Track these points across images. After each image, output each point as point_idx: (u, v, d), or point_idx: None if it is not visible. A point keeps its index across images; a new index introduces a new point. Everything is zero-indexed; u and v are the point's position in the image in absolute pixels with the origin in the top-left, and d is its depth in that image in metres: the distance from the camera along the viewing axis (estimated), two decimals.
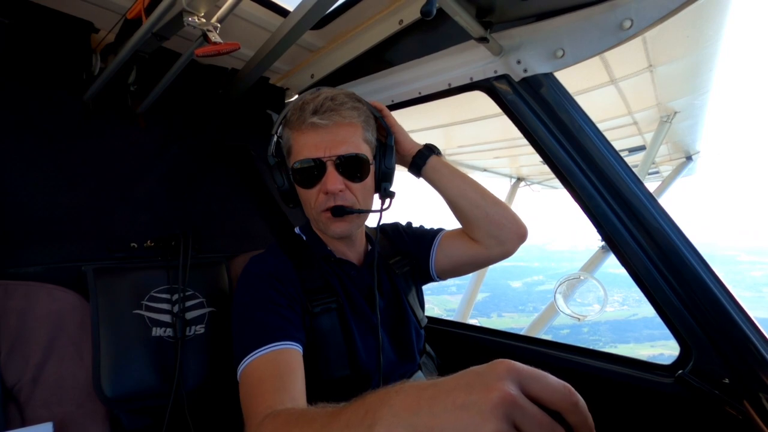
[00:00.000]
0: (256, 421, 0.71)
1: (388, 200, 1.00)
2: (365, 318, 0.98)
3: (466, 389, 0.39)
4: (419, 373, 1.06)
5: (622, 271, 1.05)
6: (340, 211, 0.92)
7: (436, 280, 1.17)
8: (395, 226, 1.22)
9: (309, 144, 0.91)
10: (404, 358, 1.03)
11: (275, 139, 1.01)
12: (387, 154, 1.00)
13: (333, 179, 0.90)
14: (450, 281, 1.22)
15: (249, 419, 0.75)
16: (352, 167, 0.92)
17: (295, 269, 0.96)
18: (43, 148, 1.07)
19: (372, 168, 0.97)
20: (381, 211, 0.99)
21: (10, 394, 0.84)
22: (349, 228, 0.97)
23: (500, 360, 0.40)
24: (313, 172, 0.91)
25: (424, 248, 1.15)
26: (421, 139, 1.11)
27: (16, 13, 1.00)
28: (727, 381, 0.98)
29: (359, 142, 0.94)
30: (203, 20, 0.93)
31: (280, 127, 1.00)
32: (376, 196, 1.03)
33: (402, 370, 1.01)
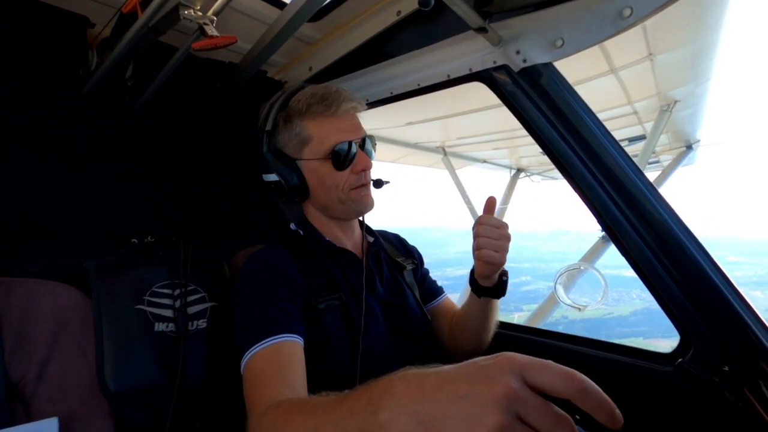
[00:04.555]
0: (258, 413, 0.72)
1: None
2: (366, 305, 0.99)
3: (469, 381, 0.39)
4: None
5: (607, 272, 1.06)
6: (380, 183, 1.05)
7: None
8: (399, 236, 1.28)
9: (344, 128, 0.99)
10: (406, 347, 1.04)
11: (267, 135, 1.01)
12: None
13: (365, 158, 1.00)
14: (438, 282, 1.26)
15: (251, 411, 0.76)
16: (369, 148, 1.03)
17: (297, 264, 0.97)
18: (42, 145, 1.07)
19: None
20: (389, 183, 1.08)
21: (14, 391, 0.85)
22: (373, 202, 1.05)
23: (503, 353, 0.40)
24: (348, 154, 0.98)
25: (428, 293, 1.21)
26: (420, 130, 1.12)
27: (11, 10, 1.00)
28: (726, 369, 0.99)
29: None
30: (199, 14, 0.92)
31: (280, 120, 1.00)
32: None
33: (403, 358, 1.02)
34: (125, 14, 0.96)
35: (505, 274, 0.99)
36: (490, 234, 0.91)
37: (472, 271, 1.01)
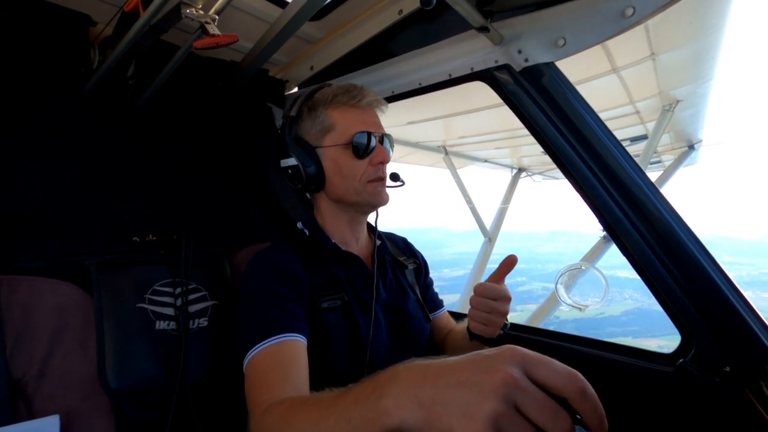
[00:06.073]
0: (259, 411, 0.72)
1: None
2: (369, 311, 0.99)
3: (470, 368, 0.40)
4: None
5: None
6: (397, 176, 1.06)
7: None
8: (406, 240, 1.28)
9: (366, 120, 1.01)
10: (408, 351, 1.03)
11: (288, 121, 1.03)
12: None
13: (384, 152, 1.02)
14: (436, 282, 1.27)
15: (252, 410, 0.76)
16: (387, 145, 1.04)
17: (301, 264, 0.97)
18: (43, 143, 1.07)
19: None
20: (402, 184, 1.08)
21: (16, 388, 0.85)
22: (388, 197, 1.05)
23: (507, 345, 0.41)
24: (368, 144, 0.99)
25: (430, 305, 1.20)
26: (422, 129, 1.12)
27: (13, 8, 1.00)
28: (727, 369, 0.99)
29: None
30: (201, 12, 0.92)
31: (305, 109, 1.03)
32: None
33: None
34: (127, 12, 0.96)
35: (504, 326, 0.96)
36: (481, 307, 0.89)
37: None
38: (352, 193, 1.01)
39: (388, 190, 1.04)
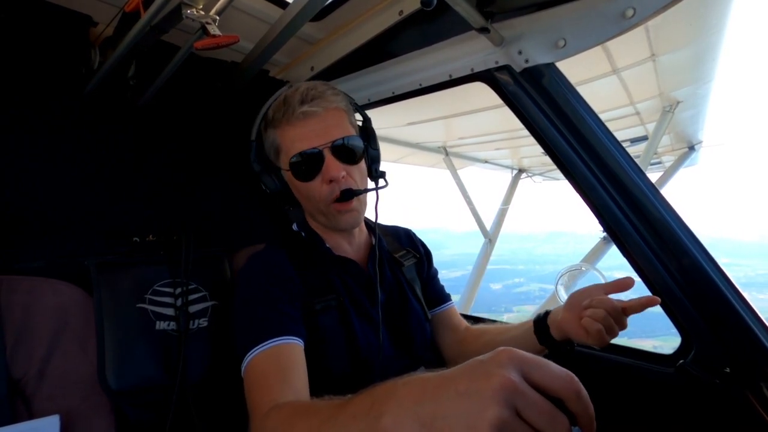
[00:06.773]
0: (260, 414, 0.72)
1: (382, 180, 1.02)
2: (366, 313, 0.98)
3: (468, 377, 0.39)
4: (422, 368, 1.06)
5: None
6: (349, 194, 0.92)
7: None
8: (409, 232, 1.25)
9: (301, 135, 0.92)
10: (406, 353, 1.03)
11: (254, 144, 1.01)
12: (371, 138, 1.02)
13: (334, 166, 0.91)
14: None
15: (253, 412, 0.76)
16: (347, 151, 0.94)
17: (294, 266, 0.96)
18: (44, 143, 1.07)
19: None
20: (377, 189, 1.01)
21: (16, 388, 0.85)
22: (357, 217, 0.98)
23: (503, 348, 0.40)
24: (312, 163, 0.92)
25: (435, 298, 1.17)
26: (422, 130, 1.11)
27: (13, 8, 1.00)
28: (728, 370, 0.99)
29: (348, 126, 0.96)
30: (202, 13, 0.92)
31: (262, 129, 1.00)
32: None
33: (402, 365, 1.01)
34: (128, 13, 0.96)
35: (572, 343, 0.90)
36: (608, 310, 0.81)
37: (545, 316, 0.95)
38: (320, 213, 0.98)
39: (383, 194, 1.01)
